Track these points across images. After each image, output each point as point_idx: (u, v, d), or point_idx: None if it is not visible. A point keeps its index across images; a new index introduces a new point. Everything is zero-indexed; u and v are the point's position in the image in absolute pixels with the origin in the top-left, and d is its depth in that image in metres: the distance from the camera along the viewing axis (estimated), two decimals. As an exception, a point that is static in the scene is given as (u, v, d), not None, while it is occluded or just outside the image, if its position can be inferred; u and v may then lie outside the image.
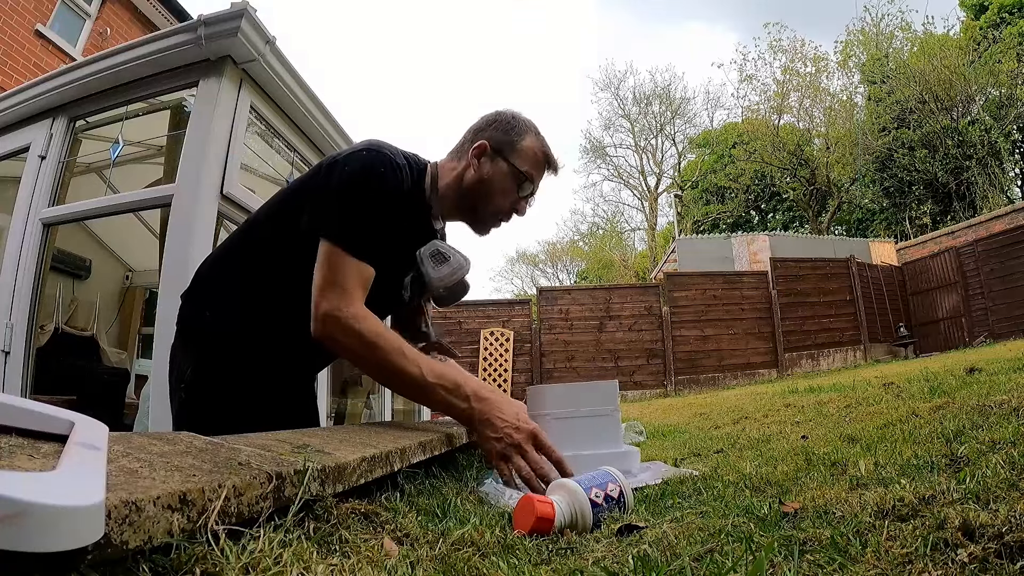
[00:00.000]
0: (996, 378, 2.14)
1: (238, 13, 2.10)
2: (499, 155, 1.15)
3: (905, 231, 16.91)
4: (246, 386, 1.14)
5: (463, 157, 1.17)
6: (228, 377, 1.13)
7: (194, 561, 0.37)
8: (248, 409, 1.12)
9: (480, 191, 1.16)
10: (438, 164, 1.21)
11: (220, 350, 1.13)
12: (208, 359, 1.14)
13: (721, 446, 1.70)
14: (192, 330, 1.17)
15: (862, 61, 20.35)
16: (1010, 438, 0.93)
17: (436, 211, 1.18)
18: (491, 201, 1.16)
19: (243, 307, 1.14)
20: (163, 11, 7.80)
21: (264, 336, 1.13)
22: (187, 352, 1.16)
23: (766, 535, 0.59)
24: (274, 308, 1.12)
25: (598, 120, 42.20)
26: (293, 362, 1.22)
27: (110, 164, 2.68)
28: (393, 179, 1.05)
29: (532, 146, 1.17)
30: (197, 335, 1.16)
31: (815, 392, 3.46)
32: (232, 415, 1.10)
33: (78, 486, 0.30)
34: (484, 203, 1.17)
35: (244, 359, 1.13)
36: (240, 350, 1.13)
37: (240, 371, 1.13)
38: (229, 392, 1.13)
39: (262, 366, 1.15)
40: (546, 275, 29.35)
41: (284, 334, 1.11)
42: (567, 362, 10.24)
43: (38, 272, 2.45)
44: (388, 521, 0.59)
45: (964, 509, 0.55)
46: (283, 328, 1.11)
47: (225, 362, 1.13)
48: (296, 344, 1.09)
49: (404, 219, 1.10)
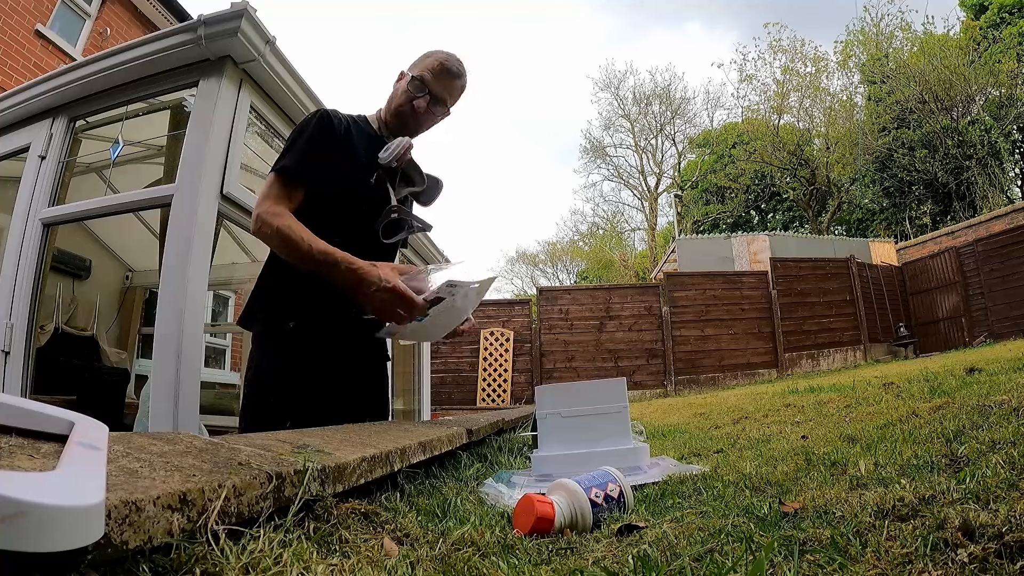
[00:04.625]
0: (996, 378, 2.14)
1: (238, 13, 2.10)
2: (406, 73, 1.51)
3: (905, 231, 16.91)
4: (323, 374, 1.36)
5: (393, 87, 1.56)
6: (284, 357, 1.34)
7: (194, 561, 0.37)
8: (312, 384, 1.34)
9: (394, 100, 1.51)
10: (380, 108, 1.58)
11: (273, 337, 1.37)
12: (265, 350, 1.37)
13: (721, 446, 1.70)
14: (251, 326, 1.41)
15: (862, 61, 20.34)
16: (1010, 438, 0.93)
17: (383, 133, 1.53)
18: (397, 104, 1.50)
19: (279, 289, 1.38)
20: (163, 11, 7.80)
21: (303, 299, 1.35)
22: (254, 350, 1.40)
23: (766, 535, 0.59)
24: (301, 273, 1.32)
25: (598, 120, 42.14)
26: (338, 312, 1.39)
27: (110, 164, 2.69)
28: (329, 117, 1.40)
29: (431, 60, 1.49)
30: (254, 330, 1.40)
31: (815, 392, 3.46)
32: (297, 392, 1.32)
33: (78, 486, 0.30)
34: (394, 108, 1.50)
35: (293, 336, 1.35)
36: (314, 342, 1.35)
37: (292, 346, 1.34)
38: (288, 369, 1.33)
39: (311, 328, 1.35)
40: (546, 275, 29.36)
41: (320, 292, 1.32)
42: (567, 362, 10.24)
43: (38, 272, 2.44)
44: (388, 521, 0.59)
45: (964, 509, 0.55)
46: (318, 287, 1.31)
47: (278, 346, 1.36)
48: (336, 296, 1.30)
49: (347, 138, 1.41)
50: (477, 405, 9.73)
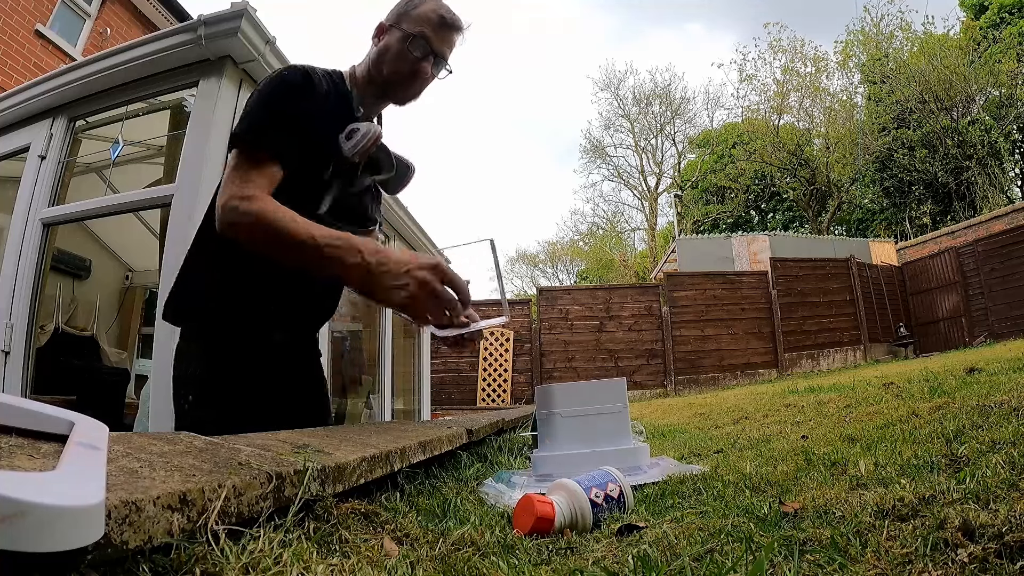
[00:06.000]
0: (996, 378, 2.14)
1: (238, 13, 2.11)
2: (394, 27, 1.20)
3: (905, 231, 16.91)
4: (240, 356, 1.17)
5: (371, 43, 1.25)
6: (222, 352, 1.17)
7: (194, 561, 0.37)
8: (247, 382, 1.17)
9: (380, 64, 1.21)
10: (354, 66, 1.28)
11: (211, 329, 1.18)
12: (202, 342, 1.19)
13: (721, 446, 1.70)
14: (181, 316, 1.22)
15: (862, 61, 20.34)
16: (1010, 438, 0.93)
17: (356, 102, 1.24)
18: (391, 69, 1.20)
19: (219, 280, 1.18)
20: (163, 11, 7.80)
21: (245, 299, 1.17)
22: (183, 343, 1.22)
23: (766, 535, 0.59)
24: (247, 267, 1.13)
25: (598, 120, 42.18)
26: (282, 317, 1.24)
27: (110, 164, 2.68)
28: (297, 79, 1.11)
29: (424, 10, 1.20)
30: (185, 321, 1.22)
31: (815, 392, 3.45)
32: (232, 392, 1.15)
33: (78, 486, 0.30)
34: (387, 73, 1.20)
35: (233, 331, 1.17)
36: (227, 323, 1.17)
37: (232, 342, 1.17)
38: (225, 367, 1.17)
39: (250, 327, 1.18)
40: (546, 275, 29.37)
41: (264, 290, 1.16)
42: (567, 362, 10.24)
43: (38, 272, 2.45)
44: (388, 521, 0.59)
45: (964, 509, 0.55)
46: (262, 284, 1.15)
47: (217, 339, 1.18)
48: (280, 297, 1.17)
49: (317, 110, 1.12)
50: (477, 405, 9.73)
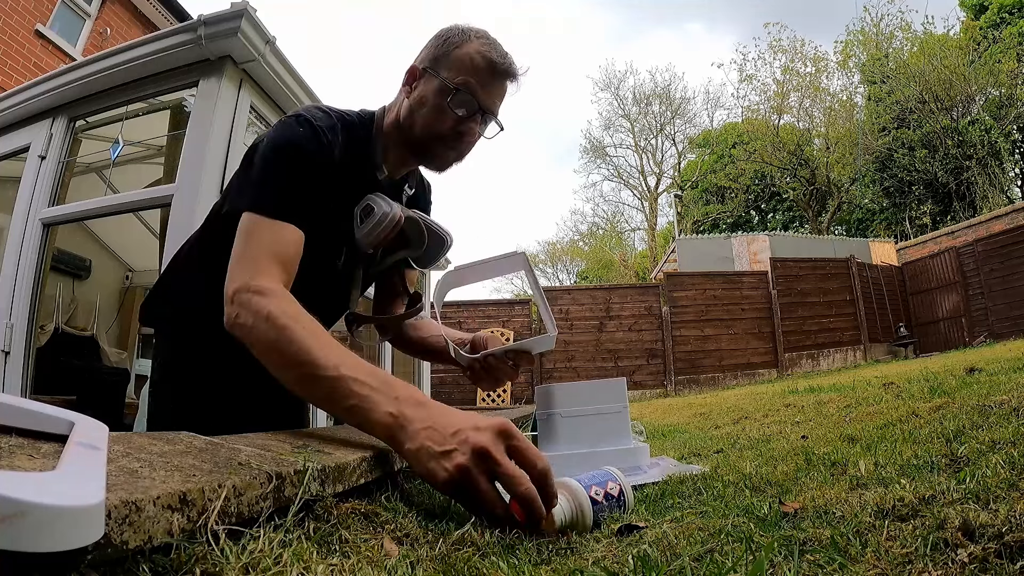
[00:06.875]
0: (996, 378, 2.14)
1: (238, 13, 2.11)
2: (431, 72, 0.98)
3: (905, 231, 16.91)
4: (217, 377, 1.09)
5: (401, 90, 1.04)
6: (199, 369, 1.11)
7: (194, 561, 0.37)
8: (224, 402, 1.09)
9: (412, 119, 0.99)
10: (384, 108, 1.07)
11: (189, 343, 1.12)
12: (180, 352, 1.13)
13: (721, 446, 1.70)
14: (159, 324, 1.17)
15: (862, 61, 20.36)
16: (1010, 438, 0.93)
17: (379, 159, 1.05)
18: (427, 125, 0.98)
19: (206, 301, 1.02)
20: (163, 11, 7.80)
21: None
22: (160, 348, 1.16)
23: (766, 535, 0.59)
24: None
25: (598, 120, 42.24)
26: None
27: (110, 164, 2.68)
28: (312, 141, 0.92)
29: (467, 52, 0.97)
30: (164, 330, 1.16)
31: (815, 392, 3.45)
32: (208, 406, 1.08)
33: (78, 486, 0.30)
34: (420, 132, 0.99)
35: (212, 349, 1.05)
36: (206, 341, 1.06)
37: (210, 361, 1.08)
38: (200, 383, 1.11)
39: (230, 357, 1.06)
40: (546, 275, 29.33)
41: None
42: (567, 362, 10.24)
43: (38, 272, 2.45)
44: (388, 521, 0.59)
45: (964, 509, 0.55)
46: None
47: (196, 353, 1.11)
48: None
49: (332, 179, 0.95)
50: (477, 405, 9.73)
